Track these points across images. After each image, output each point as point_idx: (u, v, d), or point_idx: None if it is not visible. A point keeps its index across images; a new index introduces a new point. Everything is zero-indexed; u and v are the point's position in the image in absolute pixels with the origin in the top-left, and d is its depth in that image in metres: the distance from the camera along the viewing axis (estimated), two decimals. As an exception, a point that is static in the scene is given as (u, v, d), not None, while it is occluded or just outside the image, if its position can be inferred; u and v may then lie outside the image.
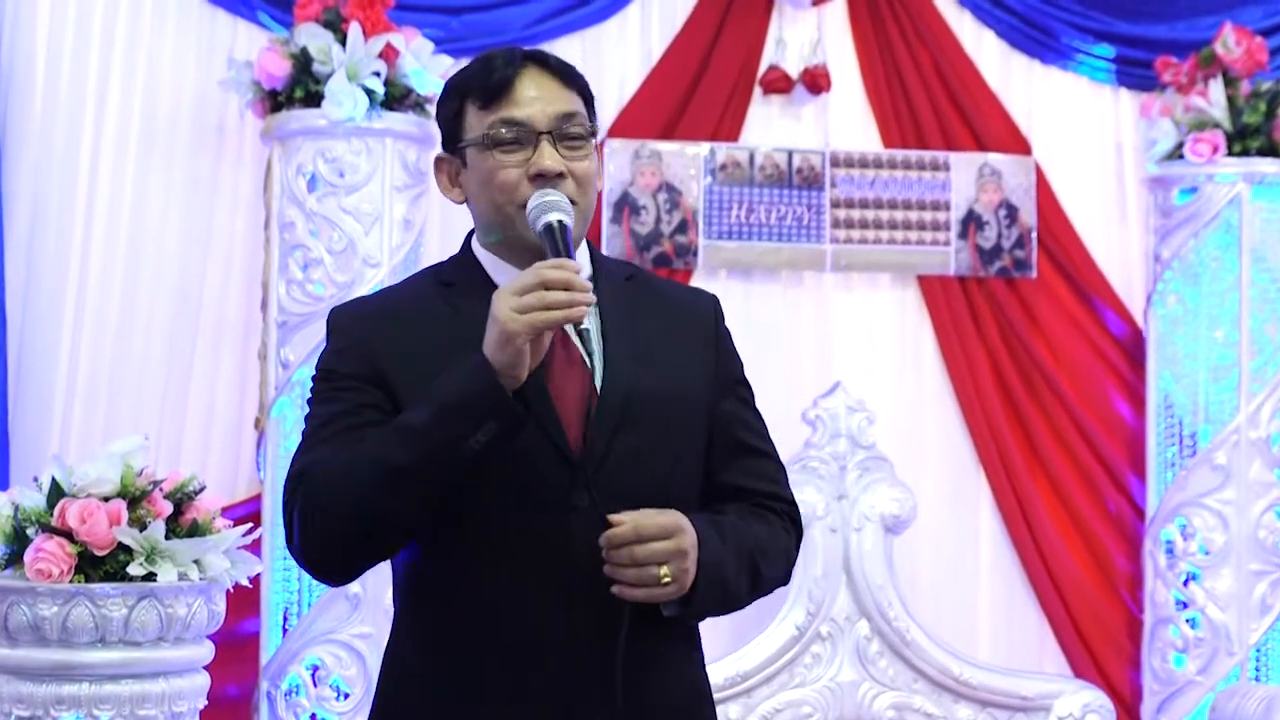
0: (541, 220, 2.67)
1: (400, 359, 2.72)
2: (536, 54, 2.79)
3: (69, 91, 6.15)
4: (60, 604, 4.03)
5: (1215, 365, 6.73)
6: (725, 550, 2.70)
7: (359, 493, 2.60)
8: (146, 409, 6.19)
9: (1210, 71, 6.71)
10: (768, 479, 2.88)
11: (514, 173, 2.72)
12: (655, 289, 2.91)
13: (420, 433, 2.57)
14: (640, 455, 2.70)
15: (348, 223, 5.86)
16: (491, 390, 2.55)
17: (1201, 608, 6.70)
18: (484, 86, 2.75)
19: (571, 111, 2.75)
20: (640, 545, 2.59)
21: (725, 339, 2.91)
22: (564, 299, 2.54)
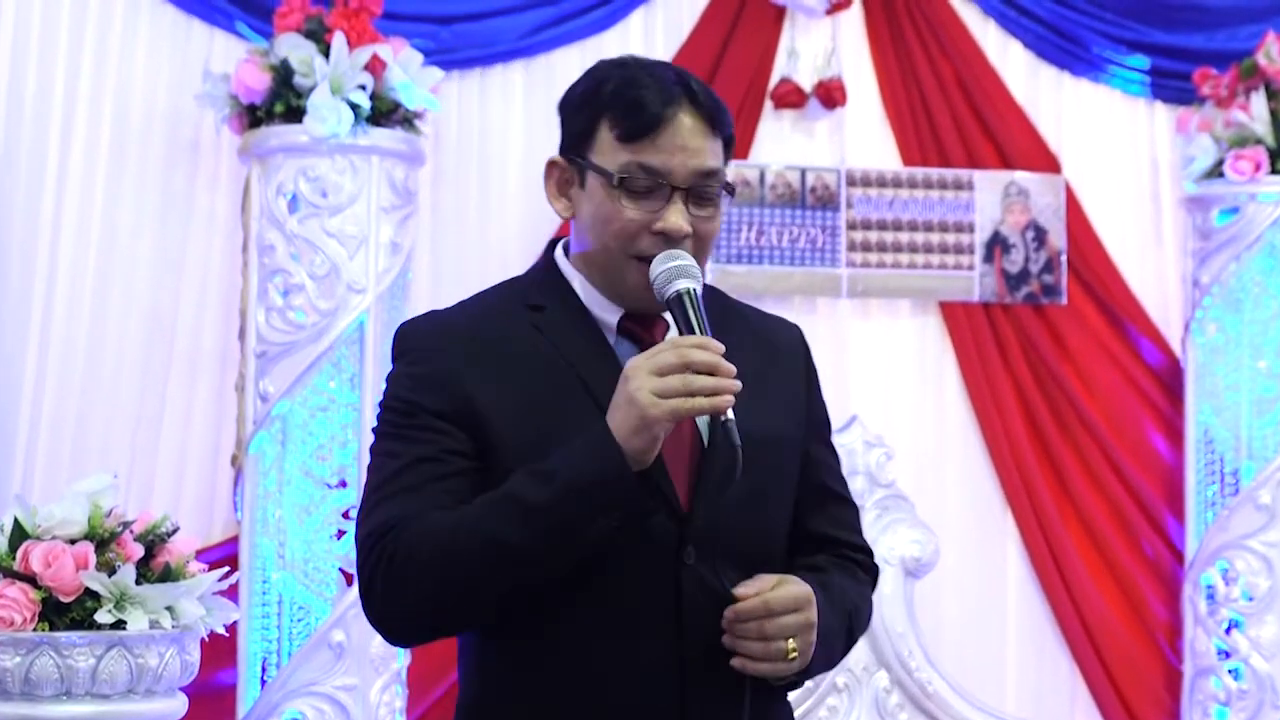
0: (671, 288, 2.62)
1: (490, 396, 2.66)
2: (689, 88, 2.71)
3: (33, 105, 6.14)
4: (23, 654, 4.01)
5: (1258, 397, 6.73)
6: (833, 618, 2.71)
7: (462, 567, 2.57)
8: (116, 445, 6.18)
9: (1252, 84, 6.70)
10: (850, 527, 2.90)
11: (636, 223, 2.66)
12: (742, 315, 2.89)
13: (538, 512, 2.53)
14: (748, 505, 2.68)
15: (331, 246, 5.85)
16: (621, 479, 2.52)
17: (1245, 657, 6.69)
18: (629, 118, 2.67)
19: (713, 169, 2.68)
20: (770, 620, 2.59)
21: (813, 374, 2.92)
22: (710, 385, 2.50)
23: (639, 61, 2.76)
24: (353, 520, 5.80)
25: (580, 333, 2.65)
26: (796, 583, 2.62)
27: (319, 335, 5.82)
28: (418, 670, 6.13)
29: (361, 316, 5.83)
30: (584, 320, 2.68)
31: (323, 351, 5.81)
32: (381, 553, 2.61)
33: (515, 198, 6.64)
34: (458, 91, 6.58)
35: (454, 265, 6.56)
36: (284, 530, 5.83)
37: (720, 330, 2.68)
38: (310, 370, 5.81)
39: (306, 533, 5.83)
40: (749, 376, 2.65)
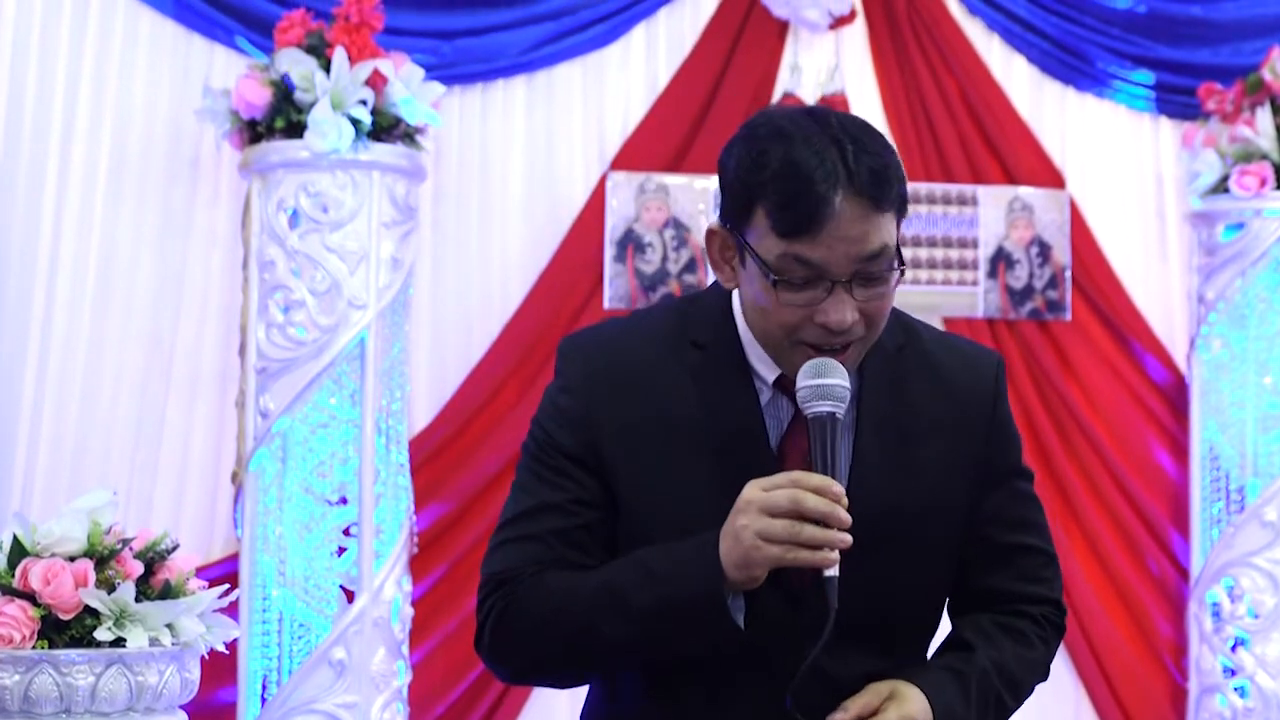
0: (812, 409, 2.54)
1: (623, 442, 2.66)
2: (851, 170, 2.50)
3: (33, 120, 6.15)
4: (22, 672, 4.00)
5: (1264, 414, 6.73)
6: (968, 711, 2.67)
7: (562, 644, 2.64)
8: (116, 461, 6.18)
9: (1257, 99, 6.71)
10: (1030, 578, 2.80)
11: (798, 313, 2.54)
12: (928, 363, 2.75)
13: (636, 616, 2.56)
14: (876, 580, 2.62)
15: (332, 262, 5.85)
16: (718, 613, 2.52)
17: (1251, 675, 6.68)
18: (784, 210, 2.50)
19: (878, 250, 2.52)
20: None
21: (1000, 421, 2.80)
22: (819, 538, 2.46)
23: (802, 131, 2.55)
24: (354, 537, 5.82)
25: (734, 386, 2.63)
26: (906, 702, 2.59)
27: (320, 351, 5.83)
28: (419, 688, 6.13)
29: (362, 333, 5.83)
30: (741, 371, 2.65)
31: (323, 368, 5.81)
32: (494, 604, 2.68)
33: (517, 213, 6.65)
34: (459, 107, 6.59)
35: (455, 281, 6.57)
36: (284, 547, 5.83)
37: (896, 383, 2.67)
38: (311, 387, 5.81)
39: (307, 550, 5.83)
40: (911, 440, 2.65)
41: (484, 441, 6.46)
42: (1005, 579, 2.78)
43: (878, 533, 2.59)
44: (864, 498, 2.57)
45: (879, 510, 2.60)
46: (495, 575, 2.69)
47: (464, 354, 6.60)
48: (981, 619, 2.77)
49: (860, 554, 2.54)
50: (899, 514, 2.63)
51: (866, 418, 2.67)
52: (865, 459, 2.65)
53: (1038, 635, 2.79)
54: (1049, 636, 2.80)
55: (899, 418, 2.67)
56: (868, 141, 2.54)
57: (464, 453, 6.49)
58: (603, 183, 6.66)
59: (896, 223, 2.56)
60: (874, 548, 2.58)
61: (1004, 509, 2.78)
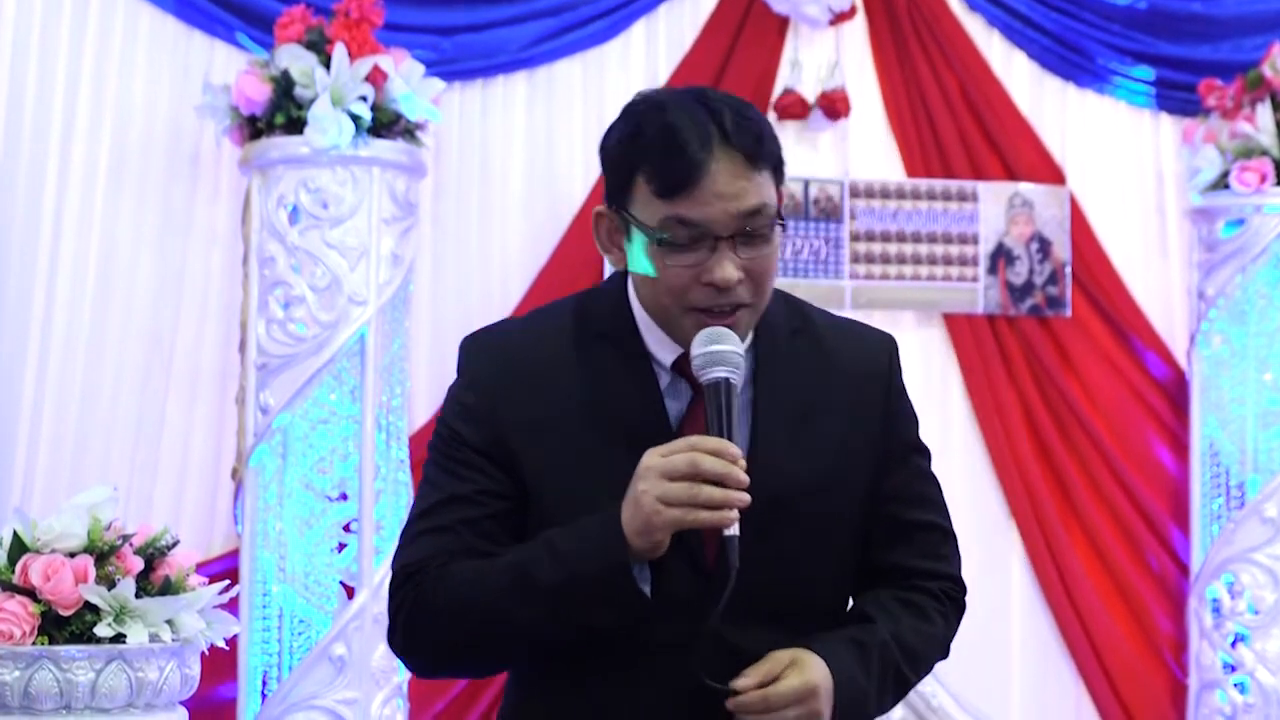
0: (707, 375, 2.57)
1: (524, 429, 2.68)
2: (724, 128, 2.59)
3: (33, 117, 6.15)
4: (22, 668, 4.01)
5: (1264, 410, 6.73)
6: (869, 679, 2.67)
7: (470, 627, 2.64)
8: (116, 458, 6.19)
9: (1258, 95, 6.72)
10: (930, 555, 2.82)
11: (684, 275, 2.59)
12: (823, 346, 2.79)
13: (543, 594, 2.57)
14: (780, 557, 2.65)
15: (332, 258, 5.86)
16: (622, 581, 2.53)
17: (1251, 671, 6.69)
18: (662, 173, 2.59)
19: (758, 206, 2.58)
20: (770, 715, 2.58)
21: (897, 399, 2.82)
22: (717, 498, 2.48)
23: (676, 100, 2.66)
24: (354, 533, 5.82)
25: (633, 373, 2.65)
26: (807, 669, 2.59)
27: (320, 348, 5.83)
28: (419, 684, 6.13)
29: (362, 329, 5.84)
30: (640, 361, 2.67)
31: (324, 364, 5.82)
32: (404, 596, 2.69)
33: (517, 209, 6.65)
34: (459, 103, 6.59)
35: (455, 277, 6.57)
36: (284, 543, 5.83)
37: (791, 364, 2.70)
38: (311, 383, 5.82)
39: (307, 546, 5.84)
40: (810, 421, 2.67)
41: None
42: (906, 555, 2.80)
43: (779, 510, 2.63)
44: (764, 475, 2.58)
45: (779, 487, 2.63)
46: (404, 568, 2.70)
47: (464, 350, 6.59)
48: (882, 594, 2.78)
49: (763, 531, 2.59)
50: (799, 491, 2.65)
51: (764, 397, 2.69)
52: (764, 438, 2.67)
53: (937, 610, 2.80)
54: (948, 612, 2.83)
55: (796, 398, 2.69)
56: (742, 108, 2.64)
57: (464, 449, 6.48)
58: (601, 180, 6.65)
59: (775, 185, 2.63)
60: (776, 525, 2.62)
61: (905, 486, 2.81)
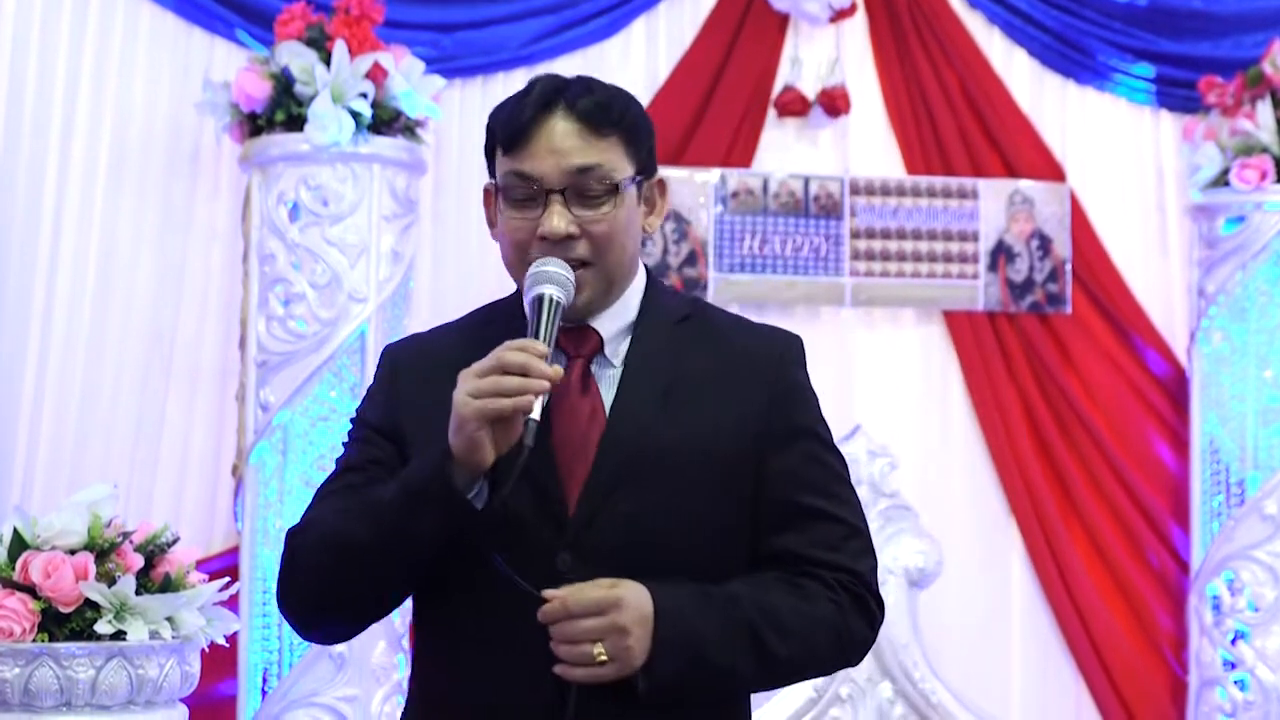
0: (531, 292, 2.67)
1: (415, 410, 2.77)
2: (569, 92, 2.73)
3: (33, 115, 6.16)
4: (22, 665, 4.02)
5: (1264, 407, 6.73)
6: (702, 622, 2.64)
7: (326, 561, 2.70)
8: (116, 455, 6.19)
9: (1258, 92, 6.71)
10: (824, 545, 2.76)
11: (524, 230, 2.72)
12: (713, 332, 2.83)
13: (378, 510, 2.64)
14: (640, 517, 2.67)
15: (332, 255, 5.86)
16: (439, 479, 2.58)
17: (1251, 668, 6.69)
18: (504, 129, 2.75)
19: (590, 165, 2.70)
20: (570, 623, 2.59)
21: (788, 385, 2.82)
22: (516, 385, 2.54)
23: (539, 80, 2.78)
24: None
25: None
26: (608, 588, 2.59)
27: (320, 345, 5.83)
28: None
29: (363, 326, 5.84)
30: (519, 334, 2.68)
31: (324, 361, 5.82)
32: (286, 551, 2.79)
33: (517, 207, 6.64)
34: (459, 100, 6.59)
35: (455, 274, 6.57)
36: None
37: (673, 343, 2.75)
38: (311, 380, 5.82)
39: (307, 543, 5.83)
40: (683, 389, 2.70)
41: (484, 435, 6.46)
42: (799, 543, 2.75)
43: (637, 467, 2.67)
44: (624, 432, 2.68)
45: (639, 445, 2.68)
46: (290, 530, 2.79)
47: (464, 347, 6.60)
48: (761, 573, 2.75)
49: (619, 487, 2.66)
50: (659, 451, 2.68)
51: (633, 366, 2.75)
52: (627, 400, 2.72)
53: (828, 597, 2.73)
54: (844, 603, 2.74)
55: (669, 372, 2.73)
56: (595, 83, 2.77)
57: (464, 446, 6.48)
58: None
59: (630, 156, 2.75)
60: (633, 482, 2.66)
61: (796, 470, 2.77)
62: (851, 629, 2.75)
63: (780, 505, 2.75)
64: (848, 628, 2.74)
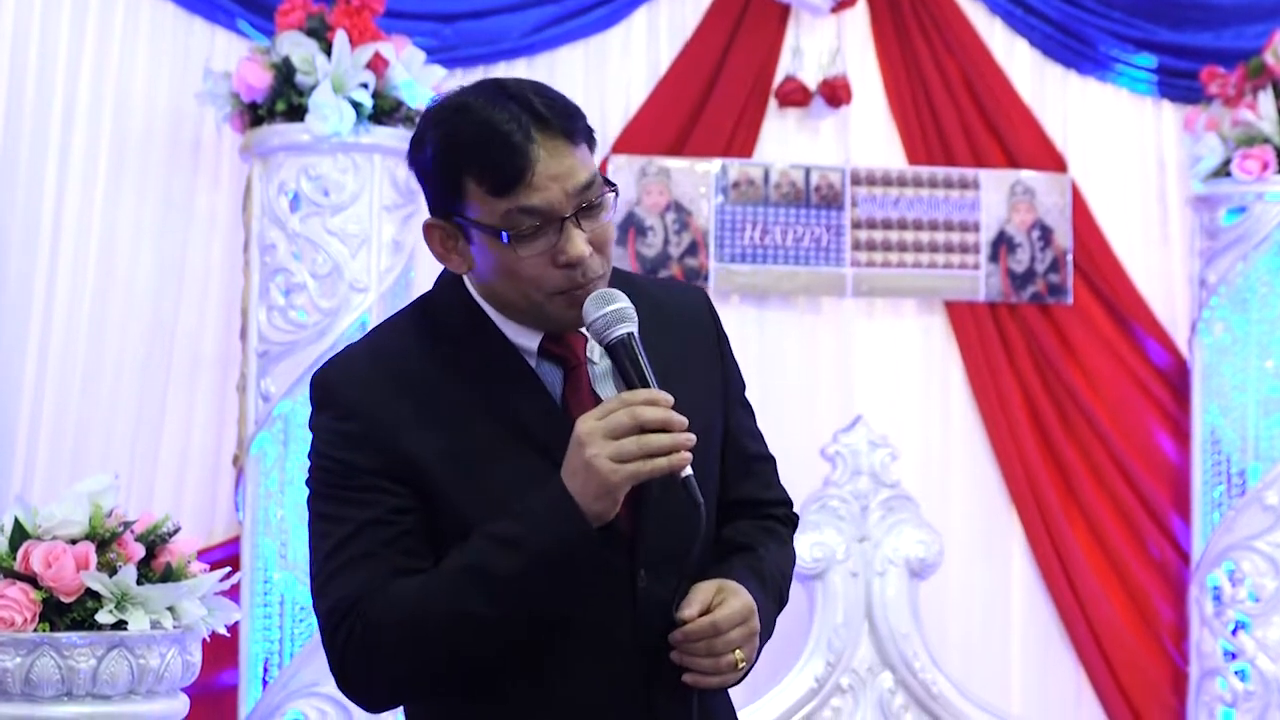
0: (611, 335, 2.59)
1: (426, 449, 2.62)
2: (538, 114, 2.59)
3: (33, 104, 6.15)
4: (23, 654, 4.02)
5: (1265, 398, 6.73)
6: (770, 605, 2.78)
7: (433, 642, 2.57)
8: (117, 445, 6.19)
9: (1260, 82, 6.71)
10: (768, 484, 2.93)
11: (540, 262, 2.59)
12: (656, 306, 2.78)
13: (507, 583, 2.53)
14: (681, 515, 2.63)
15: (333, 245, 5.86)
16: (588, 544, 2.52)
17: (1251, 659, 6.69)
18: (492, 170, 2.58)
19: (589, 180, 2.60)
20: (719, 638, 2.62)
21: (725, 343, 2.89)
22: (666, 443, 2.50)
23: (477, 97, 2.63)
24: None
25: (505, 368, 2.64)
26: (738, 593, 2.64)
27: (321, 335, 5.83)
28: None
29: (364, 316, 5.84)
30: (505, 353, 2.66)
31: (325, 351, 5.82)
32: (350, 631, 2.61)
33: (518, 196, 6.64)
34: (460, 90, 6.58)
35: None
36: (286, 530, 5.84)
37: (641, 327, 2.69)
38: (312, 370, 5.81)
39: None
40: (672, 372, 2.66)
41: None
42: (754, 488, 2.89)
43: None
44: None
45: None
46: (336, 606, 2.61)
47: (465, 337, 6.60)
48: (744, 525, 2.86)
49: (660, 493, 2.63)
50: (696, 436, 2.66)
51: None
52: None
53: (788, 534, 2.95)
54: (791, 533, 2.96)
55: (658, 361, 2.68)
56: (542, 89, 2.64)
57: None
58: (604, 166, 6.66)
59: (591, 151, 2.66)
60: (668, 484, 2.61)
61: (745, 422, 2.90)
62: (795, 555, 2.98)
63: (738, 457, 2.87)
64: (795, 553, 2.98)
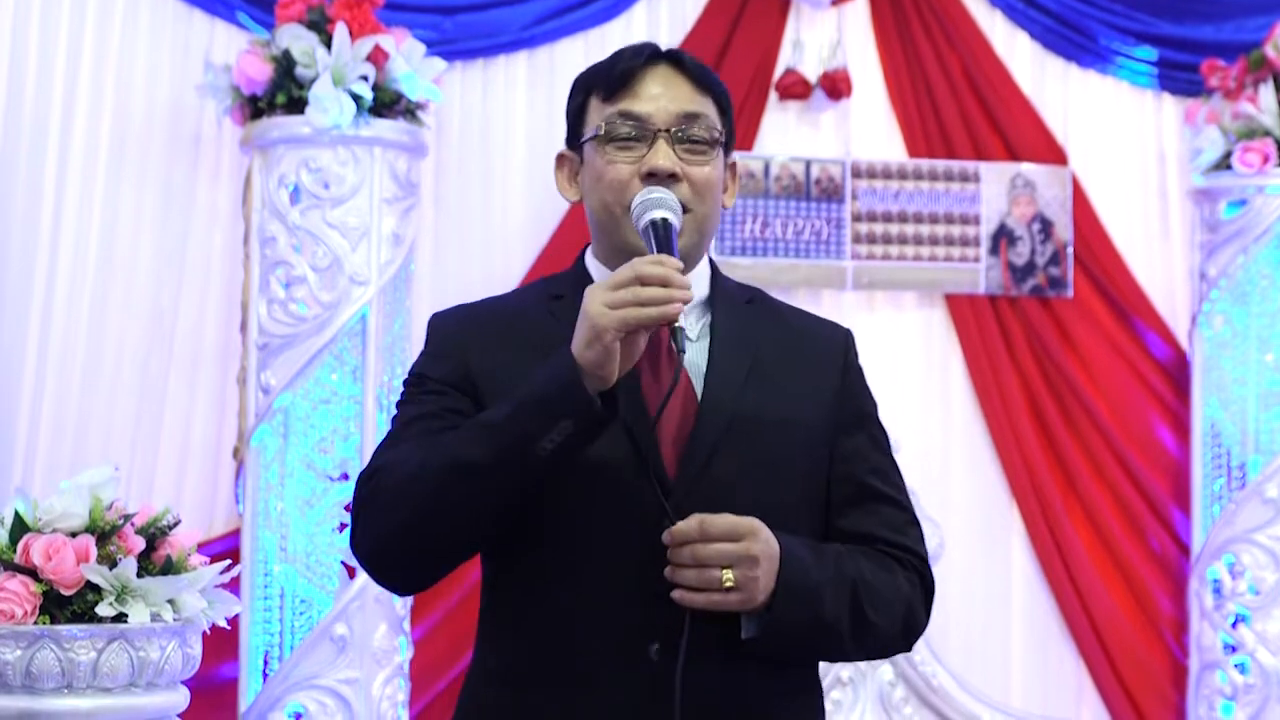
0: (645, 218, 2.70)
1: (493, 365, 2.75)
2: (672, 52, 2.83)
3: (33, 98, 6.14)
4: (24, 647, 4.01)
5: (1265, 391, 6.73)
6: (819, 574, 2.69)
7: (430, 487, 2.62)
8: (117, 438, 6.19)
9: (1260, 75, 6.70)
10: (894, 528, 2.84)
11: (625, 170, 2.75)
12: (778, 313, 2.92)
13: (494, 428, 2.60)
14: (738, 481, 2.70)
15: (333, 238, 5.86)
16: (571, 387, 2.56)
17: (1251, 651, 6.69)
18: (608, 77, 2.79)
19: (696, 113, 2.78)
20: (704, 545, 2.59)
21: (855, 371, 2.92)
22: (660, 295, 2.55)
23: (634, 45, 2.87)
24: (355, 513, 5.82)
25: None
26: (746, 519, 2.62)
27: (321, 327, 5.83)
28: (420, 663, 6.14)
29: (364, 309, 5.84)
30: None
31: (325, 344, 5.82)
32: (365, 491, 2.71)
33: (518, 189, 6.65)
34: (460, 82, 6.59)
35: (457, 257, 6.57)
36: (286, 523, 5.84)
37: (749, 321, 2.80)
38: (312, 363, 5.82)
39: (308, 526, 5.84)
40: (767, 363, 2.74)
41: (485, 418, 6.45)
42: (871, 524, 2.82)
43: (733, 434, 2.70)
44: (719, 402, 2.71)
45: (734, 413, 2.71)
46: (363, 475, 2.73)
47: (465, 330, 6.60)
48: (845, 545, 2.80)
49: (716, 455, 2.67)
50: (755, 419, 2.72)
51: (721, 337, 2.79)
52: (719, 369, 2.75)
53: (902, 573, 2.81)
54: (915, 582, 2.82)
55: (752, 344, 2.78)
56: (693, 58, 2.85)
57: (465, 429, 6.49)
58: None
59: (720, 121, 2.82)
60: (729, 450, 2.69)
61: (866, 453, 2.87)
62: (917, 612, 2.83)
63: (849, 485, 2.82)
64: (915, 609, 2.83)
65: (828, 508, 2.82)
